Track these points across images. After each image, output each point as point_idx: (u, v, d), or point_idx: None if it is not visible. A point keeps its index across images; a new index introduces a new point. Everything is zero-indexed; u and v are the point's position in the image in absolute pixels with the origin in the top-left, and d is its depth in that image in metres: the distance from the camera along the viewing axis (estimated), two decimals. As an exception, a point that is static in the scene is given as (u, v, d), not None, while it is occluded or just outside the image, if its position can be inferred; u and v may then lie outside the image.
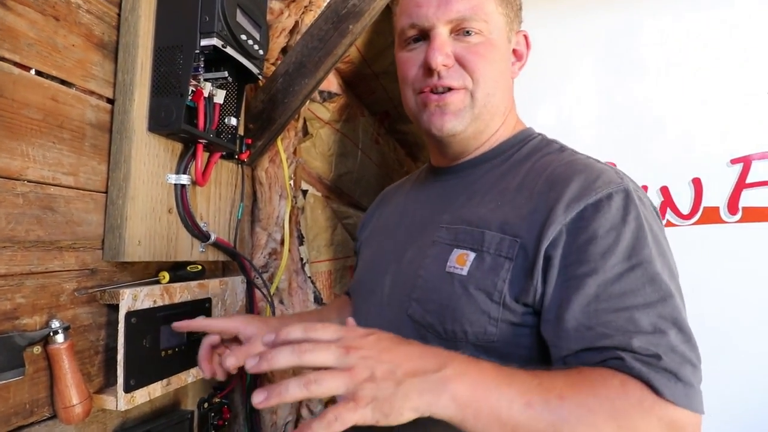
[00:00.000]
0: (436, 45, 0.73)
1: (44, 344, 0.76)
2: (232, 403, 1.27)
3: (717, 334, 1.21)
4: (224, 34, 0.91)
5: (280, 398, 0.49)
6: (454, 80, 0.74)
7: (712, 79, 1.30)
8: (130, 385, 0.84)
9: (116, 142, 0.88)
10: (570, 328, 0.60)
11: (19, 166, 0.73)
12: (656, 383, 0.54)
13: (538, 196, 0.68)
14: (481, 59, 0.74)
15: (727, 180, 1.26)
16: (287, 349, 0.52)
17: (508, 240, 0.67)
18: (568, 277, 0.62)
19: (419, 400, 0.50)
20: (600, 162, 0.73)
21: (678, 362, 0.56)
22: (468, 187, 0.80)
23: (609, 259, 0.60)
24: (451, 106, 0.75)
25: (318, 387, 0.49)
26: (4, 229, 0.71)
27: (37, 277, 0.75)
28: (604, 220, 0.62)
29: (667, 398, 0.54)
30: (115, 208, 0.87)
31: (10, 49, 0.71)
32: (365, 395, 0.49)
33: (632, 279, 0.60)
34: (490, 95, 0.76)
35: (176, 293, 0.97)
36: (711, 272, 1.25)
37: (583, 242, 0.62)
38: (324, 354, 0.51)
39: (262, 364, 0.52)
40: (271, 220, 1.37)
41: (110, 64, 0.89)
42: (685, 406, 0.54)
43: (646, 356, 0.55)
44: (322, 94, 1.73)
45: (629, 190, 0.65)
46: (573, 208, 0.64)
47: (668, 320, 0.58)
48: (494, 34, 0.76)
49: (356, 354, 0.51)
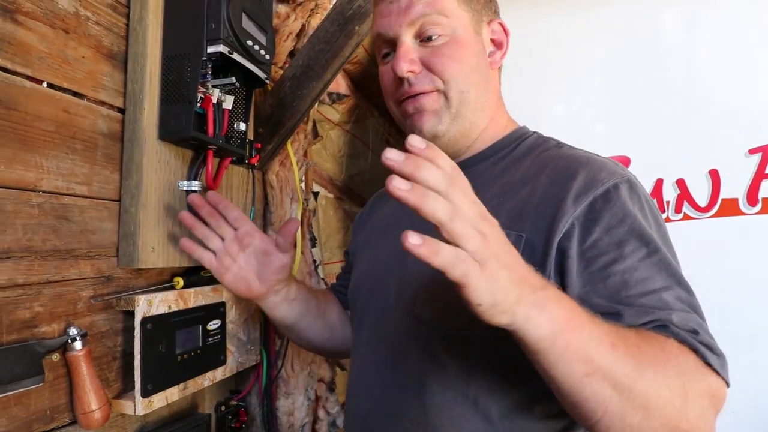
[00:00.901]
0: (401, 53, 0.75)
1: (63, 351, 0.77)
2: (249, 406, 1.29)
3: (740, 329, 1.18)
4: (230, 41, 0.92)
5: (421, 201, 0.42)
6: (424, 85, 0.76)
7: (727, 68, 1.27)
8: (147, 389, 0.85)
9: (128, 151, 0.90)
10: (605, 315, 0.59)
11: (33, 177, 0.74)
12: (703, 351, 0.56)
13: (543, 190, 0.69)
14: (448, 59, 0.75)
15: (745, 170, 1.23)
16: (440, 171, 0.43)
17: (513, 235, 0.67)
18: (590, 269, 0.62)
19: (524, 310, 0.47)
20: (598, 155, 0.74)
21: (709, 337, 0.58)
22: None
23: (626, 246, 0.62)
24: (426, 105, 0.76)
25: (459, 224, 0.43)
26: (21, 240, 0.72)
27: (54, 285, 0.77)
28: (616, 210, 0.64)
29: (713, 367, 0.56)
30: (129, 216, 0.88)
31: (22, 63, 0.73)
32: (491, 269, 0.44)
33: (650, 264, 0.61)
34: (465, 92, 0.76)
35: (190, 298, 0.98)
36: (731, 265, 1.22)
37: (599, 233, 0.63)
38: (468, 204, 0.45)
39: (407, 163, 0.42)
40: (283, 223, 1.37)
41: (120, 74, 0.90)
42: (723, 376, 0.57)
43: (686, 331, 0.57)
44: (331, 95, 1.74)
45: (632, 180, 0.68)
46: (582, 200, 0.65)
47: (686, 302, 0.60)
48: (459, 31, 0.76)
49: (490, 227, 0.46)
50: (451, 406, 0.68)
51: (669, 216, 1.30)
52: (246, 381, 1.27)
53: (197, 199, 0.88)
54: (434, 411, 0.69)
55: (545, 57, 1.45)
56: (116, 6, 0.89)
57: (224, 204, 0.89)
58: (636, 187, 0.67)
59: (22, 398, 0.71)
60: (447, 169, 0.44)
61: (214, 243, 0.88)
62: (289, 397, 1.37)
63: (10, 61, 0.71)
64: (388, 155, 0.42)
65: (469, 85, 0.76)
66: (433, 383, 0.70)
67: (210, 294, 1.04)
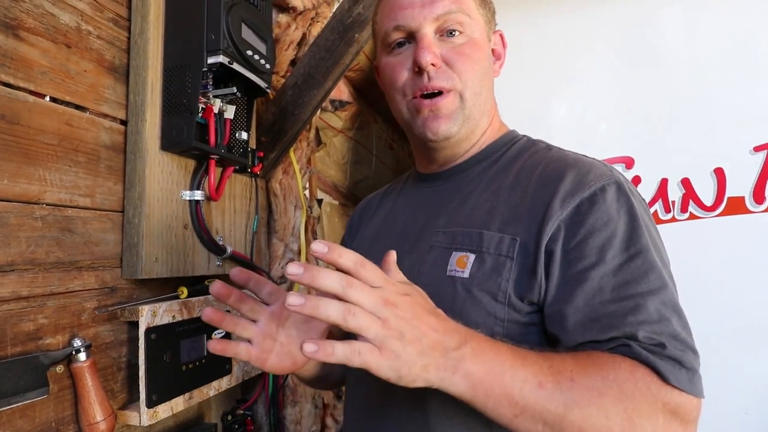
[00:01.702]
0: (425, 44, 0.73)
1: (67, 363, 0.78)
2: (256, 415, 1.28)
3: (749, 329, 1.16)
4: (230, 51, 0.93)
5: (315, 311, 0.47)
6: (444, 81, 0.74)
7: (730, 66, 1.26)
8: (152, 400, 0.86)
9: (130, 162, 0.90)
10: (576, 321, 0.60)
11: (37, 190, 0.75)
12: (662, 369, 0.55)
13: (533, 192, 0.69)
14: (467, 59, 0.75)
15: (751, 168, 1.22)
16: (336, 275, 0.49)
17: (508, 239, 0.67)
18: (570, 272, 0.62)
19: (435, 374, 0.51)
20: (587, 157, 0.73)
21: (681, 349, 0.57)
22: (461, 190, 0.79)
23: (608, 251, 0.61)
24: (443, 109, 0.75)
25: (354, 320, 0.48)
26: (24, 252, 0.73)
27: (58, 297, 0.78)
28: (601, 213, 0.63)
29: (673, 384, 0.55)
30: (132, 227, 0.89)
31: (25, 78, 0.74)
32: (391, 349, 0.49)
33: (633, 268, 0.61)
34: (477, 94, 0.76)
35: (195, 308, 0.99)
36: (738, 264, 1.20)
37: (582, 236, 0.63)
38: (366, 296, 0.50)
39: (305, 276, 0.48)
40: (287, 231, 1.38)
41: (122, 86, 0.91)
42: (689, 391, 0.56)
43: (651, 345, 0.57)
44: (333, 103, 1.75)
45: (620, 182, 0.67)
46: (569, 202, 0.64)
47: (669, 307, 0.59)
48: (477, 34, 0.76)
49: (392, 310, 0.50)
50: (452, 414, 0.67)
51: (675, 216, 1.28)
52: (252, 390, 1.27)
53: (221, 289, 0.71)
54: (436, 419, 0.68)
55: (547, 57, 1.45)
56: (117, 20, 0.90)
57: (254, 281, 0.75)
58: (624, 188, 0.66)
59: (27, 410, 0.72)
60: (349, 266, 0.49)
61: (249, 331, 0.73)
62: (296, 406, 1.37)
63: (13, 77, 0.72)
64: (290, 272, 0.48)
65: (482, 87, 0.77)
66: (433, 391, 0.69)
67: (215, 303, 1.04)
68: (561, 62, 1.43)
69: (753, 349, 1.12)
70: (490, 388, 0.52)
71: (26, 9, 0.74)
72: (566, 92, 1.45)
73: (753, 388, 1.11)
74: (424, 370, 0.50)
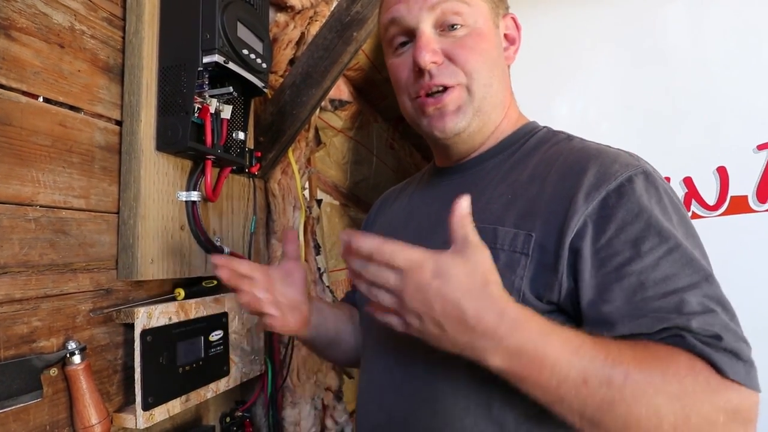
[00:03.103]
0: (422, 43, 0.71)
1: (62, 366, 0.77)
2: (255, 417, 1.28)
3: (753, 329, 1.15)
4: (226, 50, 0.92)
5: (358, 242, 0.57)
6: (447, 77, 0.72)
7: (733, 64, 1.25)
8: (148, 402, 0.85)
9: (125, 163, 0.90)
10: (621, 320, 0.57)
11: (30, 192, 0.74)
12: (720, 363, 0.52)
13: (552, 186, 0.65)
14: (471, 52, 0.72)
15: (754, 167, 1.20)
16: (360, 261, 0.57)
17: (523, 235, 0.64)
18: (605, 270, 0.59)
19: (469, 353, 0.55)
20: (611, 147, 0.69)
21: (735, 341, 0.54)
22: (477, 183, 0.77)
23: (643, 244, 0.58)
24: (449, 105, 0.73)
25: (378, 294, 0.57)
26: (18, 255, 0.72)
27: (52, 300, 0.77)
28: (631, 205, 0.60)
29: (732, 378, 0.52)
30: (127, 228, 0.88)
31: (17, 78, 0.73)
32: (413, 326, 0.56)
33: (671, 262, 0.57)
34: (487, 86, 0.74)
35: (192, 309, 0.98)
36: (742, 264, 1.19)
37: (614, 231, 0.59)
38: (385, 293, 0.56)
39: None
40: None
41: (116, 86, 0.90)
42: (748, 385, 0.53)
43: (706, 337, 0.54)
44: (333, 102, 1.74)
45: (648, 171, 0.63)
46: (594, 196, 0.61)
47: (714, 300, 0.56)
48: (480, 23, 0.73)
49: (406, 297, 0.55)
50: (463, 414, 0.65)
51: (677, 215, 1.27)
52: (251, 391, 1.26)
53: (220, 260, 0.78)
54: (446, 419, 0.67)
55: (549, 54, 1.44)
56: (112, 19, 0.90)
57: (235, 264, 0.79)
58: (653, 178, 0.63)
59: (21, 414, 0.71)
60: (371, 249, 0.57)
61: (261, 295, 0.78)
62: (296, 407, 1.36)
63: (5, 77, 0.71)
64: None
65: (491, 78, 0.74)
66: (443, 390, 0.68)
67: (212, 305, 1.04)
68: (562, 59, 1.42)
69: (756, 348, 1.11)
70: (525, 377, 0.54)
71: (18, 8, 0.73)
72: (567, 90, 1.43)
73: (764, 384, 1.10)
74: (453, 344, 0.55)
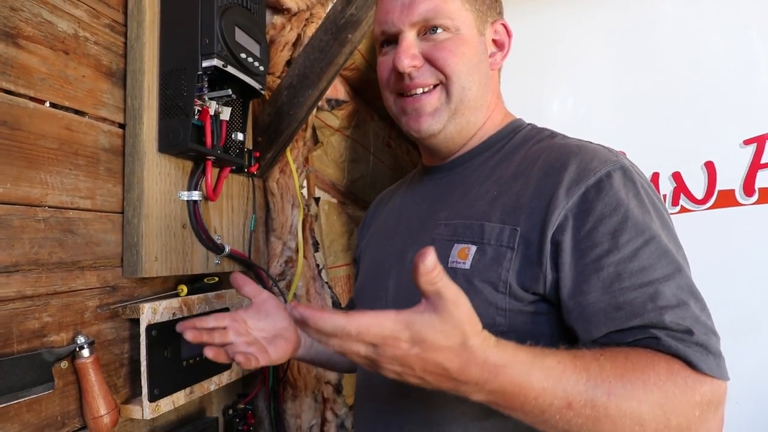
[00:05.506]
0: (402, 49, 0.74)
1: (72, 359, 0.80)
2: (257, 409, 1.31)
3: (740, 321, 1.18)
4: (224, 55, 0.95)
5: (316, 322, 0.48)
6: (426, 78, 0.75)
7: (720, 59, 1.27)
8: (154, 394, 0.88)
9: (129, 165, 0.93)
10: (597, 311, 0.60)
11: (39, 193, 0.78)
12: (694, 359, 0.55)
13: (536, 182, 0.68)
14: (450, 54, 0.74)
15: (740, 162, 1.23)
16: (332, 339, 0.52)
17: (508, 229, 0.67)
18: (583, 261, 0.62)
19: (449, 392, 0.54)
20: (592, 143, 0.72)
21: (705, 333, 0.57)
22: (463, 181, 0.80)
23: (621, 236, 0.61)
24: (426, 107, 0.76)
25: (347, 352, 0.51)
26: (28, 253, 0.76)
27: (61, 296, 0.80)
28: (609, 199, 0.63)
29: (705, 372, 0.55)
30: (132, 227, 0.92)
31: (25, 84, 0.76)
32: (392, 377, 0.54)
33: (647, 254, 0.60)
34: (466, 89, 0.76)
35: (194, 305, 1.01)
36: (729, 257, 1.22)
37: (592, 224, 0.62)
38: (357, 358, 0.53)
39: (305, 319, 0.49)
40: (285, 229, 1.40)
41: (119, 90, 0.94)
42: (719, 377, 0.56)
43: (679, 332, 0.56)
44: (330, 102, 1.77)
45: (626, 167, 0.66)
46: (574, 191, 0.64)
47: (686, 291, 0.59)
48: (462, 30, 0.75)
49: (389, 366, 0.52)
50: (454, 405, 0.68)
51: (666, 209, 1.30)
52: (253, 384, 1.30)
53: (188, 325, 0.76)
54: (439, 410, 0.70)
55: (538, 52, 1.46)
56: (114, 26, 0.93)
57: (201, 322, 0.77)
58: (630, 173, 0.65)
59: (34, 405, 0.75)
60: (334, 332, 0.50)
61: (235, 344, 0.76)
62: (297, 400, 1.39)
63: (14, 84, 0.75)
64: None
65: (470, 82, 0.76)
66: None
67: (213, 300, 1.07)
68: (552, 58, 1.44)
69: (743, 340, 1.14)
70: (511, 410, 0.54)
71: (25, 18, 0.77)
72: (557, 88, 1.46)
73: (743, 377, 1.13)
74: (435, 388, 0.53)
